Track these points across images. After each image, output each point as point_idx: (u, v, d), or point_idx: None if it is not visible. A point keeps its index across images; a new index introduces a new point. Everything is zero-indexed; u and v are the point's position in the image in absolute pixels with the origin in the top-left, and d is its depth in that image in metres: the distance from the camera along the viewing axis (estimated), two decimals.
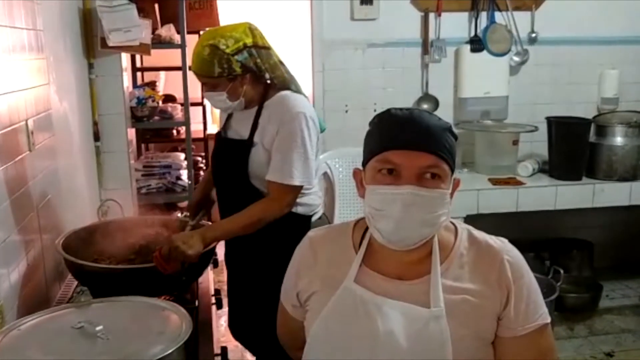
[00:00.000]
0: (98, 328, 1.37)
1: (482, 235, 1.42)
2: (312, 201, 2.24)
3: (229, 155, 2.23)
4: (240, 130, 2.21)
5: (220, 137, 2.31)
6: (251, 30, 2.12)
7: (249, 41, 2.09)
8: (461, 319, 1.31)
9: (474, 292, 1.33)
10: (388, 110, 1.37)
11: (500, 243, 1.40)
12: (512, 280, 1.34)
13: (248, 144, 2.15)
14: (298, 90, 2.21)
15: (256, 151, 2.14)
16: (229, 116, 2.29)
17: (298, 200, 2.16)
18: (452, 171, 1.33)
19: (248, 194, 2.16)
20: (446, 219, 1.33)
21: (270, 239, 2.13)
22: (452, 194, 1.34)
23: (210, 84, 2.13)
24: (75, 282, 2.17)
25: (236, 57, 2.06)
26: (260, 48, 2.12)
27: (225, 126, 2.30)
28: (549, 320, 1.38)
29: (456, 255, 1.37)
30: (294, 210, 2.17)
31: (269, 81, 2.18)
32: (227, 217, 2.13)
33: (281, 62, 2.20)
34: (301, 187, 2.11)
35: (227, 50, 2.05)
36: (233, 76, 2.09)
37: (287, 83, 2.19)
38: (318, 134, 2.17)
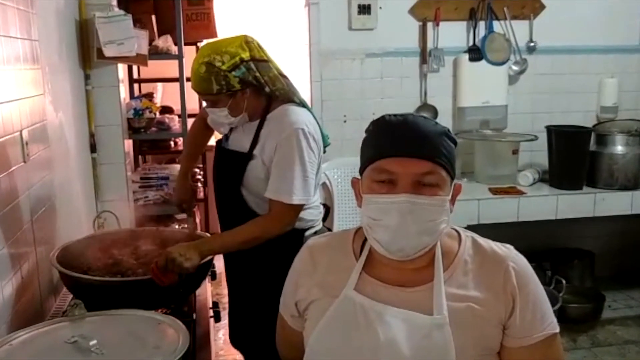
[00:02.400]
0: (92, 342, 1.34)
1: (487, 242, 1.38)
2: (309, 216, 2.21)
3: (227, 167, 2.21)
4: (242, 142, 2.18)
5: (220, 147, 2.28)
6: (247, 43, 2.08)
7: (245, 55, 2.05)
8: (465, 328, 1.27)
9: (479, 300, 1.30)
10: (383, 117, 1.34)
11: (505, 250, 1.37)
12: (517, 288, 1.30)
13: (247, 156, 2.12)
14: (302, 103, 2.18)
15: (254, 165, 2.11)
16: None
17: None
18: (452, 177, 1.30)
19: (239, 208, 2.14)
20: (446, 226, 1.30)
21: (263, 252, 2.12)
22: (453, 201, 1.31)
23: (211, 101, 2.11)
24: (71, 295, 2.13)
25: (233, 73, 2.03)
26: (258, 61, 2.08)
27: (226, 136, 2.27)
28: (557, 330, 1.34)
29: (460, 262, 1.34)
30: None
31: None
32: (226, 231, 2.11)
33: (282, 75, 2.16)
34: (302, 205, 2.08)
35: (223, 67, 2.01)
36: (232, 92, 2.06)
37: (289, 95, 2.16)
38: (319, 149, 2.14)
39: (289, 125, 2.07)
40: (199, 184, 4.83)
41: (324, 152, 2.25)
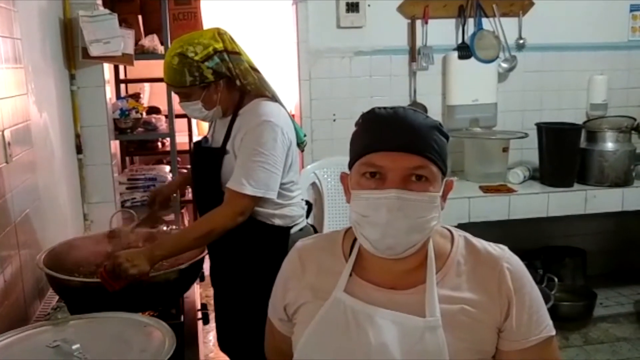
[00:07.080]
0: (75, 347, 1.30)
1: (480, 243, 1.34)
2: (291, 212, 2.18)
3: (203, 164, 2.20)
4: (218, 138, 2.17)
5: (199, 146, 2.27)
6: (220, 35, 2.07)
7: (218, 46, 2.04)
8: (459, 331, 1.24)
9: (473, 302, 1.26)
10: (372, 110, 1.29)
11: (499, 250, 1.32)
12: (512, 289, 1.27)
13: (221, 152, 2.11)
14: (274, 97, 2.16)
15: (228, 160, 2.09)
16: (215, 124, 2.24)
17: (275, 211, 2.13)
18: (444, 172, 1.25)
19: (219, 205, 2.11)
20: (437, 223, 1.25)
21: (249, 253, 2.10)
22: (444, 197, 1.27)
23: (183, 94, 2.09)
24: (56, 299, 2.09)
25: (206, 63, 2.02)
26: (230, 53, 2.07)
27: (206, 138, 2.26)
28: (553, 333, 1.31)
29: (453, 263, 1.30)
30: (271, 222, 2.12)
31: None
32: (177, 231, 2.08)
33: (253, 69, 2.14)
34: (256, 197, 2.01)
35: (196, 58, 2.00)
36: (206, 84, 2.05)
37: (261, 90, 2.14)
38: (289, 144, 2.10)
39: (257, 117, 2.05)
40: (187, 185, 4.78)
41: (302, 149, 2.21)
